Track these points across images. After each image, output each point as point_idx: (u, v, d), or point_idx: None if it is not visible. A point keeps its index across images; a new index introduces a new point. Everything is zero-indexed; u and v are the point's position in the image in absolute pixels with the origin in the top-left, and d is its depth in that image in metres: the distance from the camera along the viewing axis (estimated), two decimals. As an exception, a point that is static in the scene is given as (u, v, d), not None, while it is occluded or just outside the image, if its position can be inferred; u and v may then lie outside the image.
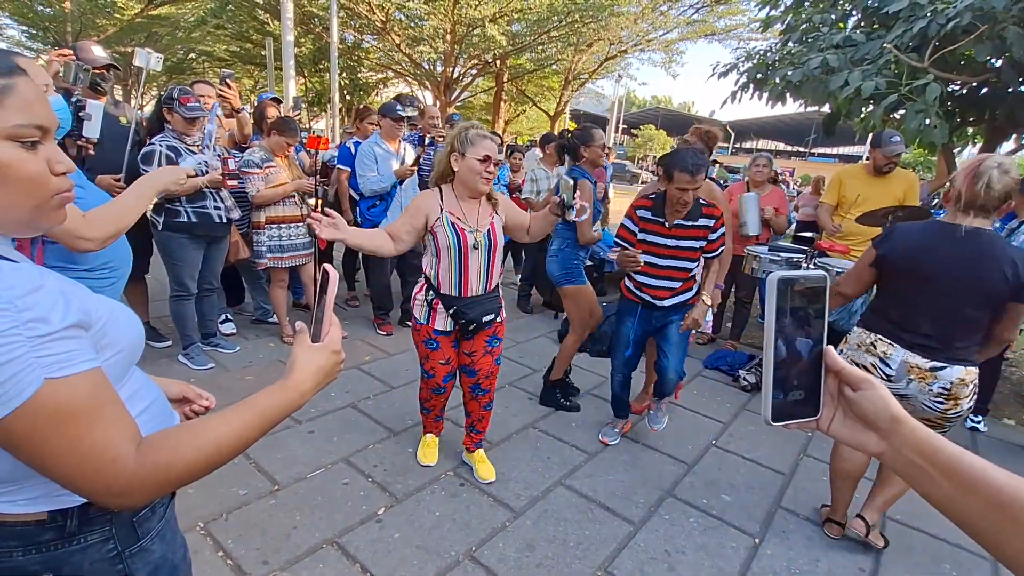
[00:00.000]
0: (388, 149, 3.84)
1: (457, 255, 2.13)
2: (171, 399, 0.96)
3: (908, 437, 0.56)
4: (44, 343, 0.58)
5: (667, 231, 2.52)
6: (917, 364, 1.93)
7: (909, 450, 0.55)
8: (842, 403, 0.61)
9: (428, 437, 2.61)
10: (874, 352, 2.03)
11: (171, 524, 0.88)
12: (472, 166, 2.07)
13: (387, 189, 3.83)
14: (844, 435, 0.61)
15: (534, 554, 2.05)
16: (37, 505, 0.69)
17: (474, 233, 2.13)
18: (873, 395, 0.58)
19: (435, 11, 13.40)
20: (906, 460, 0.56)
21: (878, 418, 0.57)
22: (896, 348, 1.98)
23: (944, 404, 1.92)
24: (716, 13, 15.55)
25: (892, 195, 3.45)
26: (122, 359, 0.75)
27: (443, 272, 2.17)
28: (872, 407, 0.58)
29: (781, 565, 2.12)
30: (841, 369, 0.60)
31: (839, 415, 0.61)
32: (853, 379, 0.60)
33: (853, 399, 0.59)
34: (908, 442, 0.56)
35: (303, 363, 0.81)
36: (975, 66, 3.42)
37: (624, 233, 2.63)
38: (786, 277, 0.57)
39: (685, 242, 2.52)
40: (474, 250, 2.14)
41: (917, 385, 1.94)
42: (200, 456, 0.69)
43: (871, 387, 0.59)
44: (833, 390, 0.62)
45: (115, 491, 0.63)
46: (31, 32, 16.80)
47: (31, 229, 0.70)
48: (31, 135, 0.65)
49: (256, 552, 1.92)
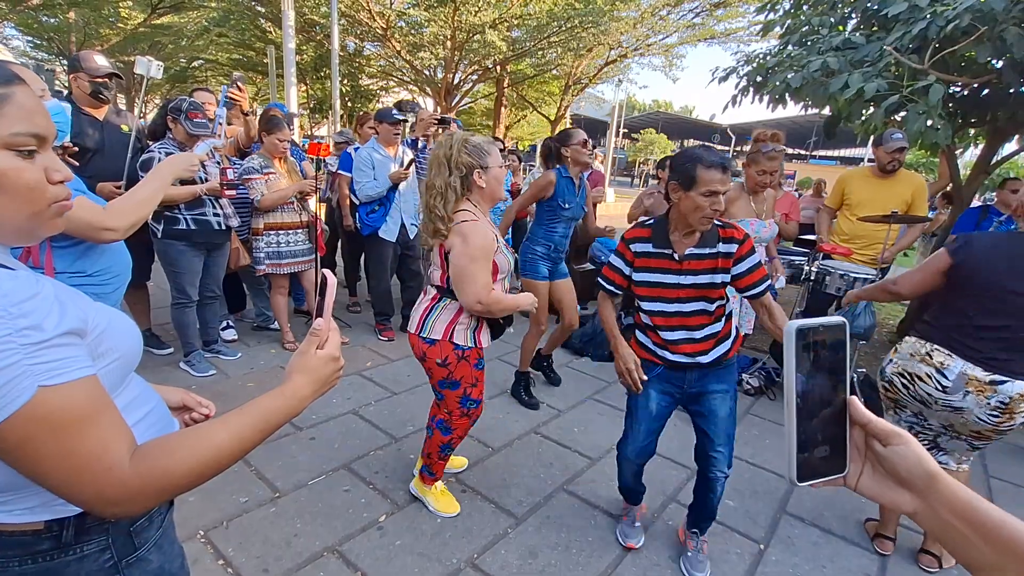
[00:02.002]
0: (386, 154, 3.85)
1: (511, 275, 2.11)
2: (171, 407, 0.96)
3: (946, 497, 0.52)
4: (38, 350, 0.58)
5: (676, 265, 1.81)
6: (977, 376, 1.86)
7: (947, 511, 0.52)
8: (870, 457, 0.58)
9: (440, 484, 2.31)
10: (930, 362, 1.95)
11: (169, 534, 0.88)
12: (498, 176, 1.97)
13: (383, 194, 3.84)
14: (874, 492, 0.57)
15: (536, 561, 2.03)
16: (34, 515, 0.68)
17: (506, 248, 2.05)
18: (906, 451, 0.55)
19: (435, 18, 13.46)
20: (943, 522, 0.53)
21: (912, 476, 0.54)
22: (955, 359, 1.90)
23: (999, 417, 1.87)
24: (715, 17, 15.59)
25: (899, 197, 3.43)
26: (120, 366, 0.74)
27: (498, 289, 2.01)
28: (905, 464, 0.54)
29: (786, 571, 2.09)
30: (869, 422, 0.57)
31: (868, 470, 0.58)
32: (883, 433, 0.56)
33: (883, 454, 0.56)
34: (946, 502, 0.52)
35: (301, 369, 0.81)
36: (976, 68, 3.42)
37: (611, 275, 1.95)
38: (804, 327, 0.54)
39: (702, 278, 1.81)
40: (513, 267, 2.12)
41: (975, 398, 1.87)
42: (196, 464, 0.68)
43: (903, 442, 0.55)
44: (860, 444, 0.58)
45: (111, 500, 0.63)
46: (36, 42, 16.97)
47: (29, 238, 0.70)
48: (28, 144, 0.65)
49: (257, 560, 1.91)
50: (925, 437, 2.11)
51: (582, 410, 3.30)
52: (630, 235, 1.90)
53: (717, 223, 1.80)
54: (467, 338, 2.01)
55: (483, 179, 1.91)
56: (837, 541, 2.28)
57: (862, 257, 3.58)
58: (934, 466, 0.53)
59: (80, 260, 1.67)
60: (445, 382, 2.05)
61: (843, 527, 2.37)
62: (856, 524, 2.39)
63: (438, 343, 1.99)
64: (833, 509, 2.49)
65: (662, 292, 1.85)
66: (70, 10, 13.85)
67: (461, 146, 1.90)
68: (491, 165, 1.92)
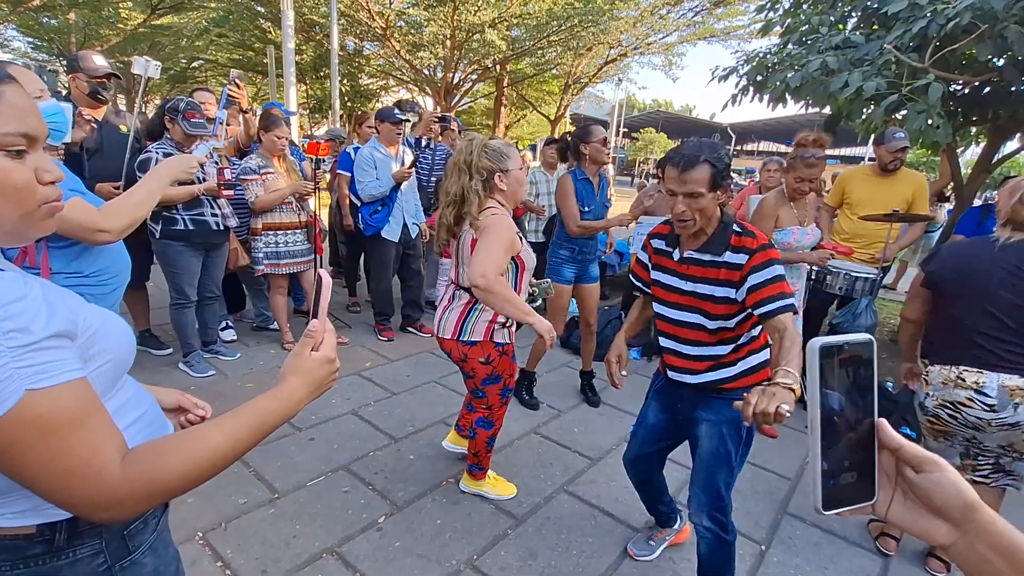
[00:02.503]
0: (387, 154, 3.84)
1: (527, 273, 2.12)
2: (167, 408, 0.95)
3: (986, 530, 0.49)
4: (25, 353, 0.57)
5: (676, 266, 1.68)
6: (1017, 385, 1.78)
7: (985, 546, 0.49)
8: (901, 484, 0.54)
9: (491, 474, 2.40)
10: (965, 385, 1.86)
11: (164, 537, 0.87)
12: (519, 177, 2.04)
13: (386, 193, 3.83)
14: (906, 522, 0.54)
15: (536, 562, 2.03)
16: (26, 519, 0.67)
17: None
18: (942, 479, 0.51)
19: (435, 17, 13.44)
20: (979, 556, 0.49)
21: (949, 506, 0.50)
22: (986, 374, 1.82)
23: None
24: (715, 15, 15.57)
25: (900, 196, 3.42)
26: (112, 368, 0.73)
27: (523, 286, 2.13)
28: (941, 493, 0.51)
29: (788, 572, 2.09)
30: (900, 447, 0.53)
31: (899, 498, 0.55)
32: (916, 459, 0.52)
33: (916, 482, 0.52)
34: (985, 536, 0.49)
35: (296, 371, 0.80)
36: (976, 66, 3.41)
37: (637, 269, 1.91)
38: (828, 345, 0.51)
39: (702, 287, 1.62)
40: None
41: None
42: (188, 467, 0.67)
43: (938, 469, 0.51)
44: (890, 470, 0.55)
45: (101, 504, 0.62)
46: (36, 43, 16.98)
47: (19, 239, 0.69)
48: (17, 144, 0.64)
49: (256, 562, 1.90)
50: (986, 461, 1.99)
51: (582, 410, 3.29)
52: (655, 231, 1.82)
53: (736, 229, 1.58)
54: (504, 335, 2.12)
55: (504, 182, 1.98)
56: (839, 542, 2.27)
57: (863, 256, 3.57)
58: (973, 496, 0.50)
59: (77, 260, 1.65)
60: (489, 379, 2.14)
61: (845, 528, 2.36)
62: (858, 525, 2.38)
63: (479, 344, 2.07)
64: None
65: (665, 295, 1.73)
66: (70, 11, 13.85)
67: (481, 151, 1.96)
68: (511, 168, 1.99)
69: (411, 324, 4.33)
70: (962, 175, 4.65)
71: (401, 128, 3.86)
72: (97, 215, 1.56)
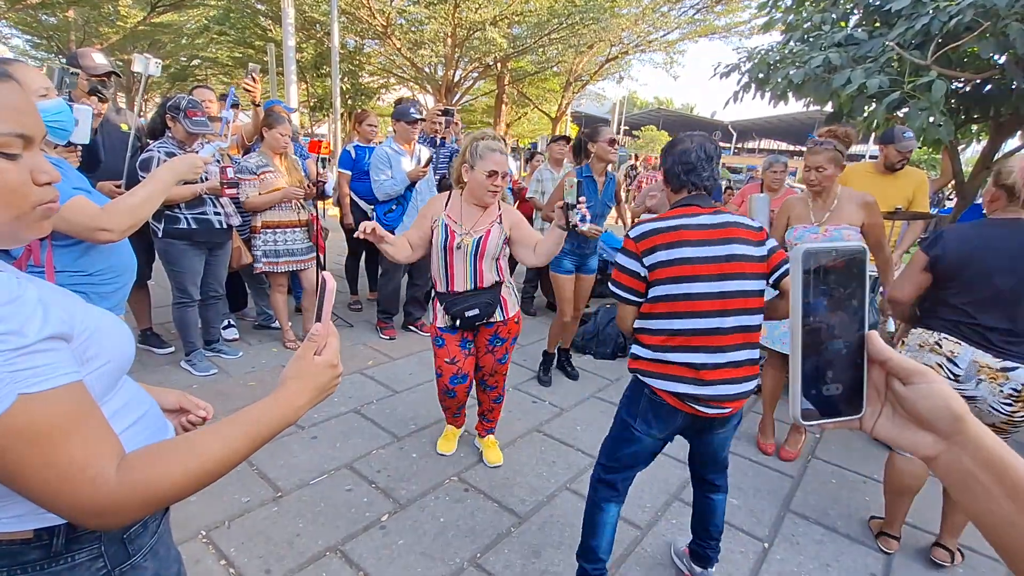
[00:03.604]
0: (403, 152, 3.85)
1: (443, 253, 2.26)
2: (168, 409, 0.93)
3: (973, 443, 0.48)
4: (18, 356, 0.56)
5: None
6: (988, 364, 1.85)
7: (971, 459, 0.48)
8: (890, 398, 0.53)
9: (448, 428, 2.72)
10: (939, 351, 1.95)
11: (165, 539, 0.86)
12: (479, 180, 2.17)
13: (401, 192, 3.83)
14: (892, 435, 0.53)
15: (540, 560, 2.03)
16: (23, 523, 0.66)
17: (463, 236, 2.23)
18: (930, 390, 0.49)
19: (436, 15, 13.42)
20: (964, 470, 0.48)
21: (936, 417, 0.49)
22: (963, 346, 1.89)
23: (1012, 407, 1.85)
24: (716, 13, 15.54)
25: (901, 194, 3.41)
26: (110, 370, 0.72)
27: (436, 270, 2.32)
28: (929, 403, 0.49)
29: (791, 570, 2.09)
30: (889, 359, 0.52)
31: (887, 412, 0.53)
32: (904, 371, 0.51)
33: (904, 394, 0.51)
34: (972, 449, 0.48)
35: (297, 375, 0.78)
36: (979, 63, 3.40)
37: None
38: (814, 250, 0.48)
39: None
40: (457, 249, 2.23)
41: (988, 386, 1.86)
42: (184, 475, 0.66)
43: (927, 380, 0.50)
44: (879, 384, 0.53)
45: (96, 511, 0.61)
46: (35, 41, 16.95)
47: (13, 240, 0.67)
48: (11, 145, 0.63)
49: (259, 560, 1.91)
50: None
51: (584, 408, 3.30)
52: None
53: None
54: (429, 316, 2.43)
55: (467, 175, 2.19)
56: (841, 539, 2.27)
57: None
58: (962, 407, 0.48)
59: (82, 259, 1.64)
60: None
61: (848, 525, 2.36)
62: (861, 523, 2.38)
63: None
64: (838, 507, 2.48)
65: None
66: (69, 8, 13.83)
67: (471, 142, 2.17)
68: (477, 168, 2.14)
69: (413, 323, 4.33)
70: (964, 173, 4.64)
71: (417, 128, 3.86)
72: (100, 214, 1.55)
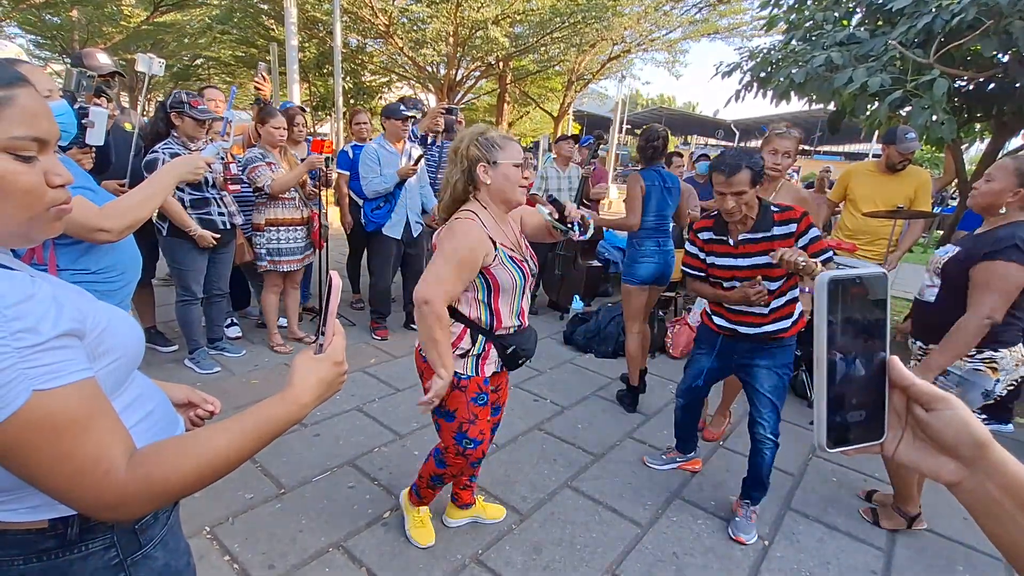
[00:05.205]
0: (393, 150, 3.85)
1: (521, 290, 1.76)
2: (176, 404, 0.95)
3: (996, 468, 0.48)
4: (33, 353, 0.58)
5: (734, 250, 2.13)
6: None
7: (995, 484, 0.47)
8: (911, 423, 0.53)
9: (424, 510, 2.09)
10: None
11: (175, 531, 0.88)
12: (509, 174, 1.68)
13: (390, 189, 3.84)
14: (914, 460, 0.53)
15: (541, 557, 2.04)
16: (38, 513, 0.68)
17: (527, 261, 1.79)
18: (952, 416, 0.50)
19: (438, 14, 13.41)
20: (987, 497, 0.48)
21: (959, 443, 0.49)
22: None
23: None
24: (719, 12, 15.50)
25: (903, 193, 3.41)
26: (121, 366, 0.74)
27: (503, 311, 1.75)
28: (951, 429, 0.50)
29: (791, 567, 2.10)
30: (911, 384, 0.52)
31: (908, 438, 0.53)
32: (926, 397, 0.51)
33: (926, 420, 0.51)
34: (995, 475, 0.48)
35: (303, 374, 0.79)
36: (981, 61, 3.39)
37: (691, 261, 2.29)
38: (838, 277, 0.49)
39: (760, 259, 2.08)
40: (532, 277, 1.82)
41: None
42: (193, 470, 0.68)
43: (949, 406, 0.50)
44: (900, 409, 0.54)
45: (107, 504, 0.63)
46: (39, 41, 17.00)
47: (26, 240, 0.69)
48: (27, 148, 0.64)
49: (262, 556, 1.92)
50: None
51: (585, 406, 3.30)
52: (697, 226, 2.27)
53: (773, 208, 2.09)
54: (467, 366, 1.73)
55: (489, 175, 1.67)
56: (842, 537, 2.28)
57: (867, 253, 3.56)
58: (984, 433, 0.48)
59: (84, 257, 1.65)
60: (439, 410, 1.78)
61: (848, 523, 2.36)
62: (861, 521, 2.38)
63: None
64: (838, 505, 2.48)
65: (725, 273, 2.18)
66: (72, 8, 13.86)
67: (473, 139, 1.69)
68: (500, 161, 1.67)
69: (413, 322, 4.34)
70: (967, 172, 4.63)
71: (407, 125, 3.85)
72: (98, 215, 1.54)
